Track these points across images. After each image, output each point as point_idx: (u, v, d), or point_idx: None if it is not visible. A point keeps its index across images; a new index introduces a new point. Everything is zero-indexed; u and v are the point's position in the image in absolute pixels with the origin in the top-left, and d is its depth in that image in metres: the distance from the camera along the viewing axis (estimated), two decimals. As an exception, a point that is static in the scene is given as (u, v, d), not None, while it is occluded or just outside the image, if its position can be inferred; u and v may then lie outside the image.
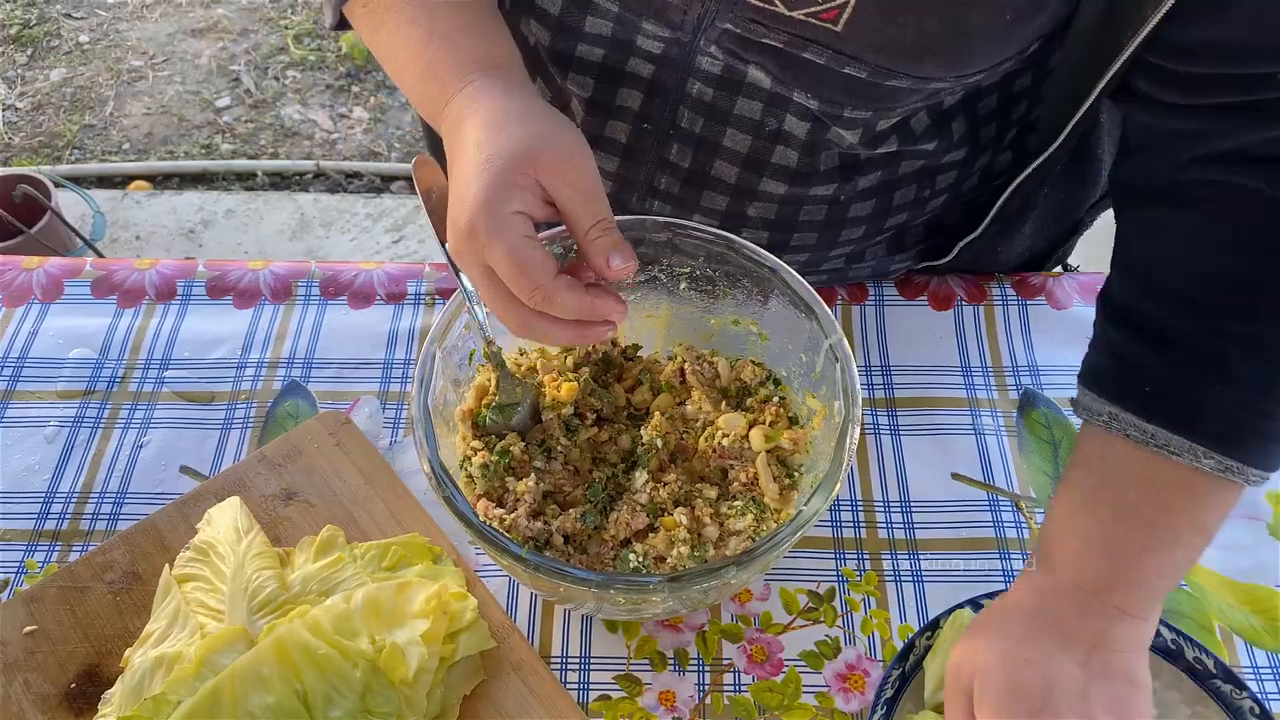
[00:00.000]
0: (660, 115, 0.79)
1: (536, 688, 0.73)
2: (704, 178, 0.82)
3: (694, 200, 0.83)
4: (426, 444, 0.68)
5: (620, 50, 0.76)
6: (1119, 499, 0.65)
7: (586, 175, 0.63)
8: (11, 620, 0.75)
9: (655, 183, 0.83)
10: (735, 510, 0.74)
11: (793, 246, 0.87)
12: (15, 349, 0.93)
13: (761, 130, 0.78)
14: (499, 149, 0.62)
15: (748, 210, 0.83)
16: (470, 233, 0.61)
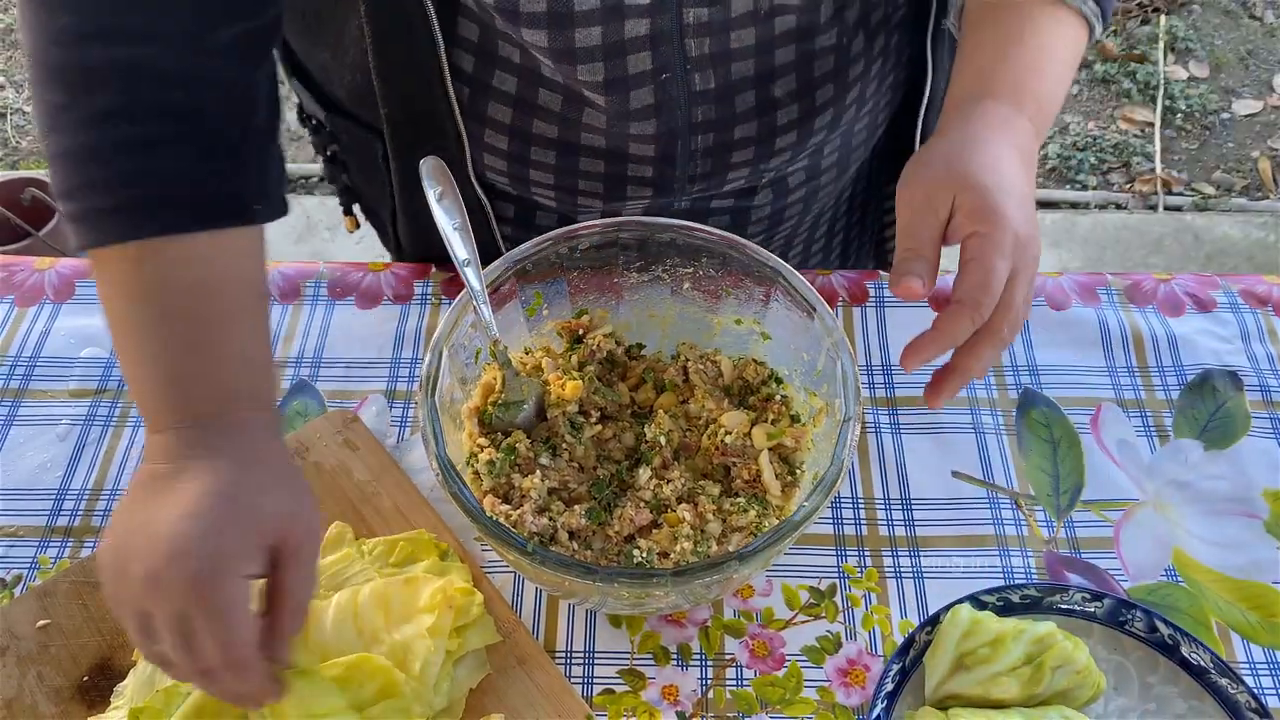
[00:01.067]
0: (672, 59, 0.80)
1: (541, 682, 0.74)
2: (729, 88, 0.84)
3: (729, 115, 0.85)
4: (434, 441, 0.69)
5: (614, 15, 0.76)
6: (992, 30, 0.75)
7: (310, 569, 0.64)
8: (25, 615, 0.76)
9: (694, 119, 0.84)
10: (738, 506, 0.75)
11: (819, 106, 0.89)
12: (28, 349, 0.94)
13: (759, 15, 0.80)
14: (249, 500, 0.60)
15: (774, 92, 0.85)
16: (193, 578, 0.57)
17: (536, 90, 0.84)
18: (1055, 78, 0.75)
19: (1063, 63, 0.75)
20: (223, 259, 0.64)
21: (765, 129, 0.87)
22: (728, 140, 0.87)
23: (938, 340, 0.66)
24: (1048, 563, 0.81)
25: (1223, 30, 3.02)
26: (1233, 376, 0.92)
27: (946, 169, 0.68)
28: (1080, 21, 0.76)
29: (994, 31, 0.75)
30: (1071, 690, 0.71)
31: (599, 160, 0.88)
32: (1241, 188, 2.65)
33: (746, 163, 0.90)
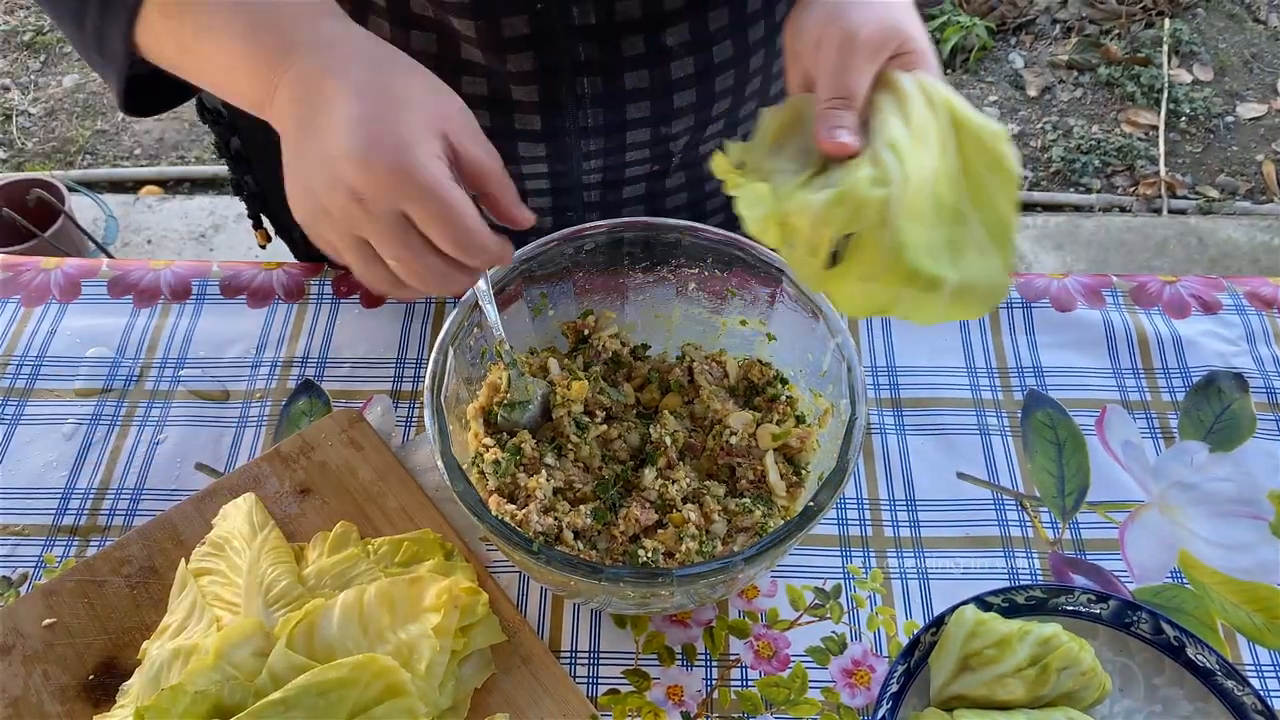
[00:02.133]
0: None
1: (546, 681, 0.74)
2: (613, 28, 0.80)
3: (615, 57, 0.82)
4: (440, 440, 0.69)
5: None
6: None
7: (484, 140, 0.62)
8: (31, 613, 0.76)
9: (574, 56, 0.81)
10: (743, 507, 0.75)
11: (718, 65, 0.86)
12: (34, 348, 0.95)
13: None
14: (402, 93, 0.58)
15: (666, 40, 0.82)
16: (390, 172, 0.56)
17: (409, 34, 0.81)
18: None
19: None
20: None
21: (659, 81, 0.84)
22: (619, 90, 0.83)
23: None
24: (1053, 564, 0.81)
25: (1227, 34, 3.01)
26: (1238, 378, 0.92)
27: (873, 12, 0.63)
28: None
29: None
30: (1077, 691, 0.71)
31: (484, 111, 0.84)
32: (1245, 191, 2.65)
33: (644, 120, 0.86)
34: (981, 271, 0.58)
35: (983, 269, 0.58)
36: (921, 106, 0.59)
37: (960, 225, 0.58)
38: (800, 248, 0.59)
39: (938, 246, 0.57)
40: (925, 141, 0.58)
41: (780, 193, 0.59)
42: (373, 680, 0.67)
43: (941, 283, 0.57)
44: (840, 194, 0.57)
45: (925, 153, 0.58)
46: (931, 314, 0.58)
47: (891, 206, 0.56)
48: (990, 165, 0.58)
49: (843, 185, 0.57)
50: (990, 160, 0.58)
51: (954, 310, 0.58)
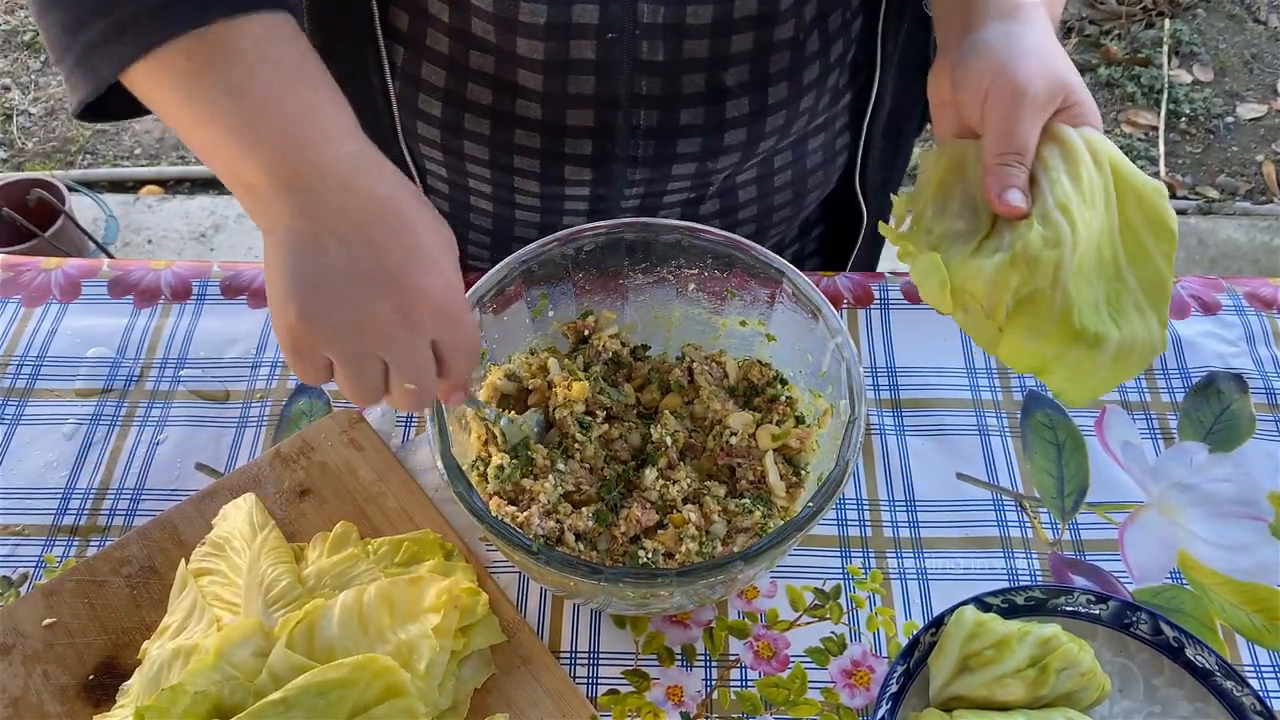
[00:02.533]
0: (622, 18, 0.78)
1: (546, 682, 0.74)
2: (678, 65, 0.81)
3: (675, 93, 0.83)
4: (440, 441, 0.70)
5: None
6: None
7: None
8: (31, 613, 0.77)
9: (635, 89, 0.82)
10: (743, 508, 0.75)
11: (771, 106, 0.87)
12: (34, 348, 0.95)
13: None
14: (435, 223, 0.62)
15: (725, 80, 0.83)
16: (445, 298, 0.60)
17: (468, 52, 0.82)
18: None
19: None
20: (276, 35, 0.60)
21: (713, 119, 0.85)
22: (673, 124, 0.84)
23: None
24: (1052, 565, 0.81)
25: (1227, 34, 3.02)
26: (1238, 379, 0.92)
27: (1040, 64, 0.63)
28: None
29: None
30: (1076, 692, 0.71)
31: (534, 134, 0.85)
32: (1246, 192, 2.65)
33: (693, 155, 0.87)
34: (1140, 330, 0.59)
35: (1142, 327, 0.60)
36: (1089, 164, 0.60)
37: (1120, 282, 0.60)
38: (975, 312, 0.61)
39: (1101, 304, 0.59)
40: (1093, 201, 0.60)
41: (953, 262, 0.61)
42: (372, 680, 0.67)
43: (1105, 340, 0.58)
44: (1013, 257, 0.59)
45: (1093, 212, 0.59)
46: (1090, 374, 0.59)
47: (1063, 268, 0.58)
48: (1149, 223, 0.60)
49: (1015, 248, 0.59)
50: (1150, 218, 0.60)
51: (1114, 370, 0.60)
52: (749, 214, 0.97)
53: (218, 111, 0.58)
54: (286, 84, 0.59)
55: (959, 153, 0.65)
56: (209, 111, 0.58)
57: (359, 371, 0.61)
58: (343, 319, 0.59)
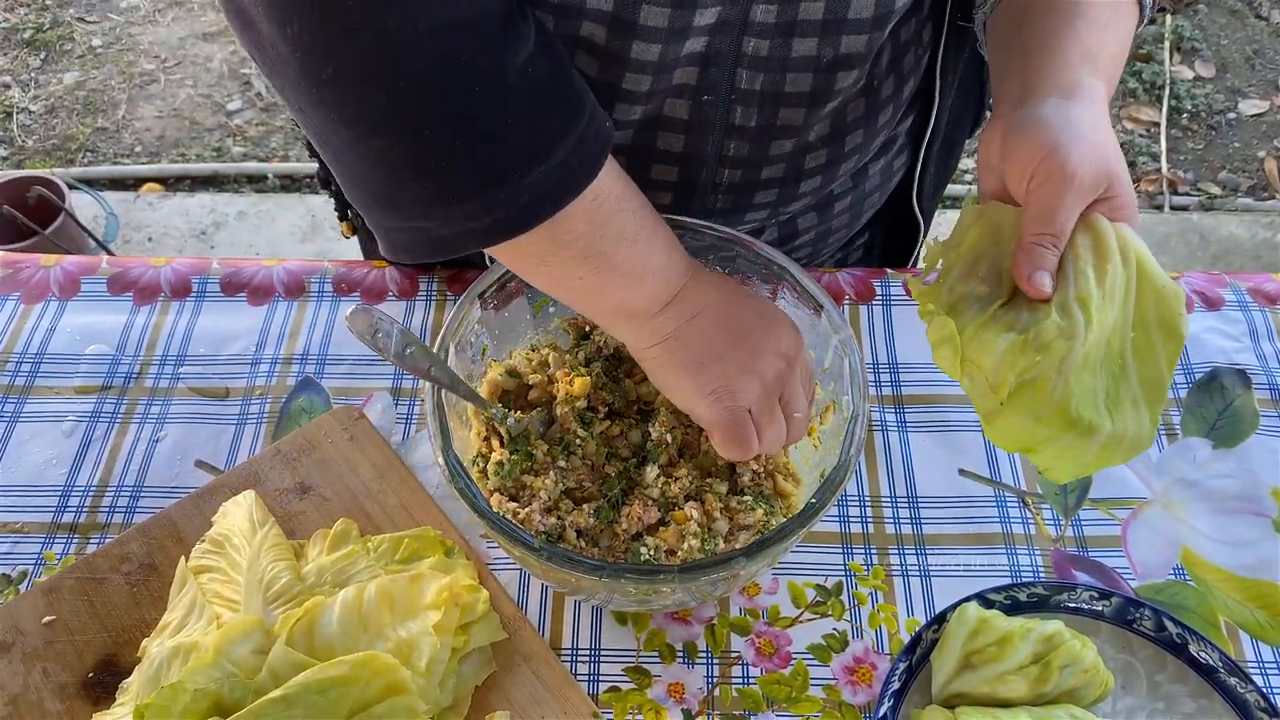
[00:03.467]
0: (720, 82, 0.77)
1: (547, 679, 0.74)
2: (770, 131, 0.81)
3: (762, 155, 0.83)
4: (440, 438, 0.69)
5: (675, 36, 0.73)
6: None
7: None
8: (30, 611, 0.76)
9: (723, 150, 0.82)
10: (745, 505, 0.74)
11: (847, 153, 0.87)
12: (33, 345, 0.94)
13: (820, 64, 0.77)
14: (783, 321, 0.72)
15: (809, 138, 0.84)
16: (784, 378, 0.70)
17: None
18: (1116, 53, 0.72)
19: (1122, 40, 0.73)
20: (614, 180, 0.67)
21: (792, 172, 0.85)
22: (754, 180, 0.85)
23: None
24: (1055, 561, 0.81)
25: (1229, 30, 3.01)
26: (1241, 375, 0.92)
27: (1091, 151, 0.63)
28: (1133, 3, 0.74)
29: (1053, 18, 0.71)
30: (1079, 689, 0.71)
31: None
32: (1248, 188, 2.65)
33: (768, 204, 0.88)
34: (1132, 425, 0.61)
35: (1134, 422, 0.61)
36: (1117, 259, 0.61)
37: (1122, 376, 0.62)
38: (980, 382, 0.62)
39: (1100, 395, 0.61)
40: (1112, 296, 0.61)
41: (967, 329, 0.62)
42: (373, 678, 0.67)
43: (1097, 431, 0.60)
44: (1025, 341, 0.60)
45: (1110, 308, 0.61)
46: (1077, 459, 0.61)
47: (1069, 360, 0.59)
48: (1161, 323, 0.61)
49: (1029, 333, 0.61)
50: (1162, 318, 0.61)
51: (1100, 456, 0.61)
52: (806, 239, 0.97)
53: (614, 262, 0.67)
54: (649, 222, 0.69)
55: (997, 219, 0.66)
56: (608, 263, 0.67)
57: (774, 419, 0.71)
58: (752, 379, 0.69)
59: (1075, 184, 0.61)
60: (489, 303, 0.77)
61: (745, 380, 0.69)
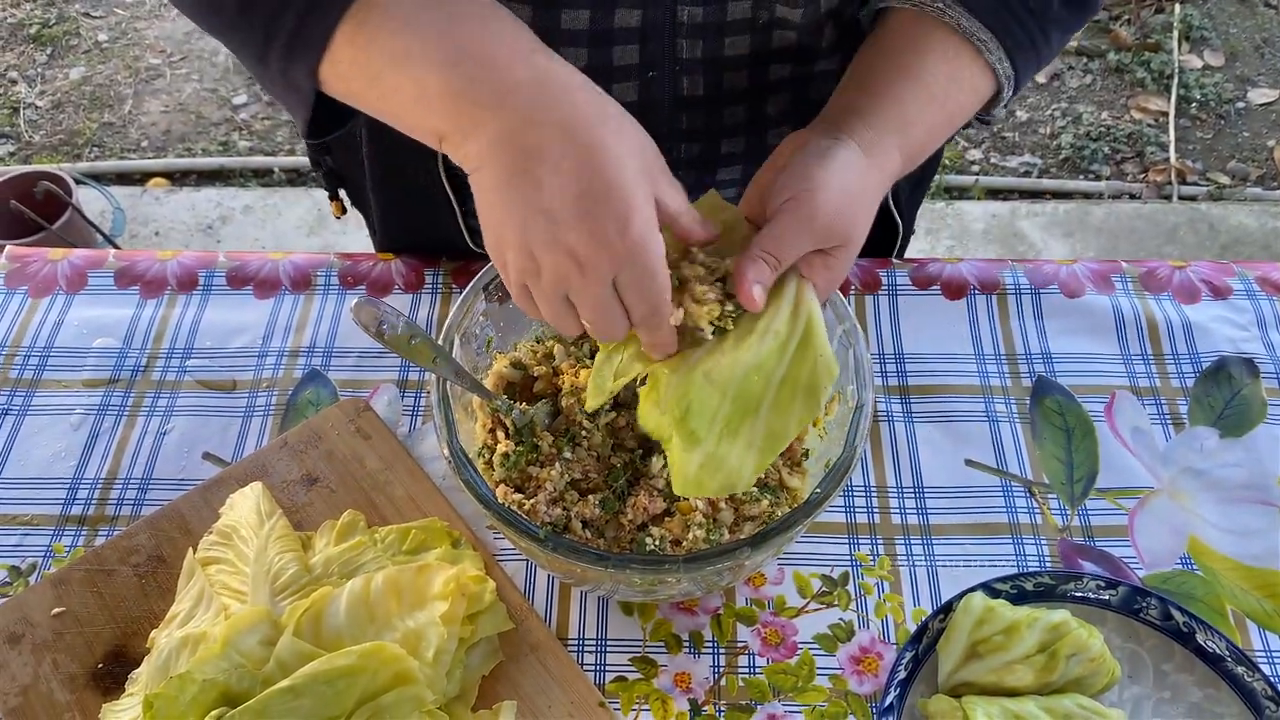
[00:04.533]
0: (660, 56, 0.77)
1: (554, 669, 0.74)
2: (718, 98, 0.81)
3: (717, 125, 0.83)
4: (446, 430, 0.69)
5: (605, 5, 0.73)
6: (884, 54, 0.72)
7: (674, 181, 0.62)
8: (40, 602, 0.77)
9: (677, 124, 0.82)
10: (750, 495, 0.74)
11: None
12: (41, 339, 0.95)
13: (755, 25, 0.77)
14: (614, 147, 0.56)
15: (766, 109, 0.83)
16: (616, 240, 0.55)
17: None
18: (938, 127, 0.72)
19: (952, 116, 0.72)
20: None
21: (755, 147, 0.85)
22: (714, 154, 0.84)
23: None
24: (1062, 551, 0.81)
25: (1238, 19, 2.99)
26: (1249, 364, 0.91)
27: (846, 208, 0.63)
28: (989, 78, 0.72)
29: (887, 53, 0.72)
30: (1086, 678, 0.71)
31: None
32: (1257, 177, 2.63)
33: (732, 182, 0.87)
34: (734, 460, 0.63)
35: (736, 459, 0.63)
36: (785, 313, 0.63)
37: (751, 415, 0.63)
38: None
39: (718, 418, 0.62)
40: (760, 341, 0.62)
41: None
42: (380, 668, 0.67)
43: (699, 444, 0.62)
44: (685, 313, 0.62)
45: (754, 348, 0.62)
46: (682, 468, 0.63)
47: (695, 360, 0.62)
48: (805, 390, 0.63)
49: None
50: (808, 386, 0.63)
51: (697, 476, 0.63)
52: None
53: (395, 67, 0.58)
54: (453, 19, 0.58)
55: (733, 222, 0.66)
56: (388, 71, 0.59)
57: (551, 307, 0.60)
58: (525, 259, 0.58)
59: (812, 226, 0.62)
60: (494, 295, 0.77)
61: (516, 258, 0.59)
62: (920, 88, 0.69)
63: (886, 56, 0.71)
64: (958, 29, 0.70)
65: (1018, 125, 2.75)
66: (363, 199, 1.04)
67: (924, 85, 0.69)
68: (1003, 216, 2.50)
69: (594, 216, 0.55)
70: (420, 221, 1.00)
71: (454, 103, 0.58)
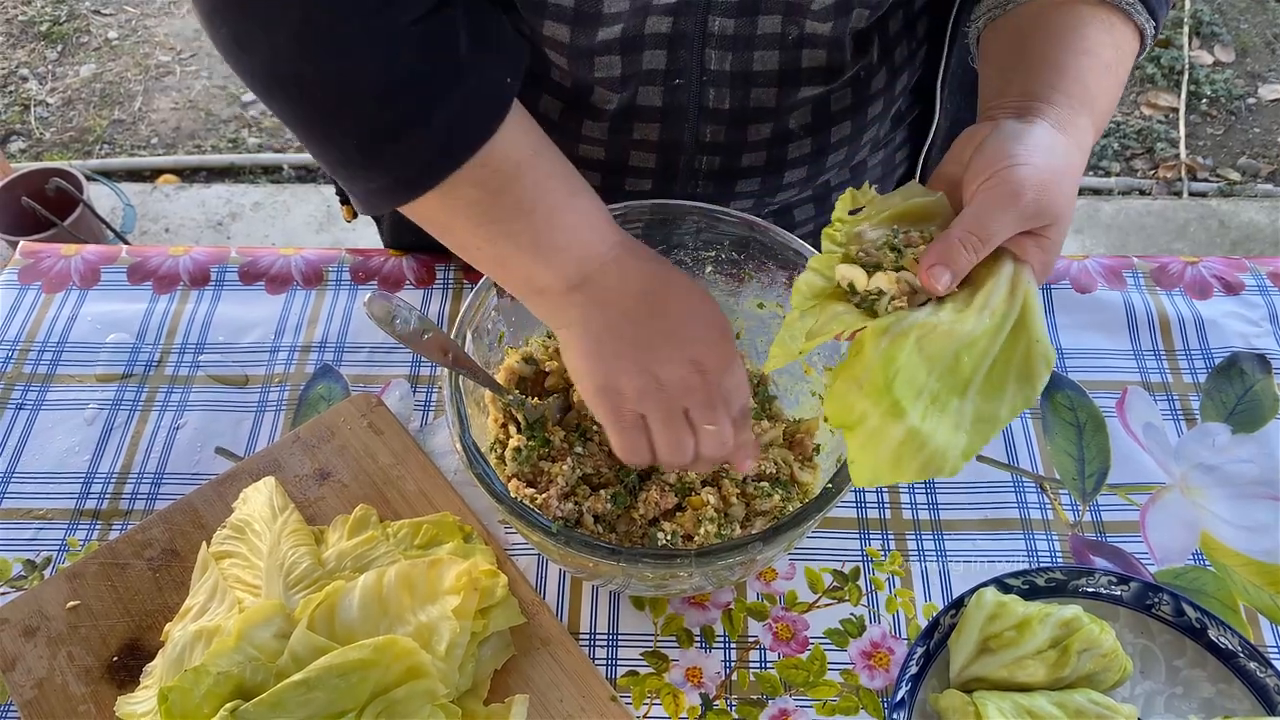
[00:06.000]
0: (689, 65, 0.77)
1: (565, 663, 0.74)
2: (744, 114, 0.81)
3: (740, 140, 0.83)
4: (459, 424, 0.70)
5: (638, 14, 0.73)
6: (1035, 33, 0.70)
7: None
8: (55, 596, 0.77)
9: (701, 135, 0.82)
10: (761, 491, 0.75)
11: (834, 144, 0.86)
12: (55, 334, 0.95)
13: (785, 41, 0.77)
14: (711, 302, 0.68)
15: (789, 124, 0.83)
16: (725, 357, 0.66)
17: (540, 97, 0.81)
18: (1115, 96, 0.71)
19: (1121, 82, 0.71)
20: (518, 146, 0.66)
21: (775, 160, 0.84)
22: (734, 167, 0.84)
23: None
24: (1073, 547, 0.81)
25: (1249, 14, 2.98)
26: (1261, 359, 0.91)
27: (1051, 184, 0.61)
28: (1137, 37, 0.72)
29: (1048, 36, 0.70)
30: (1098, 673, 0.71)
31: (595, 172, 0.85)
32: (1268, 173, 2.62)
33: (751, 194, 0.87)
34: (943, 439, 0.57)
35: (945, 438, 0.57)
36: (1003, 291, 0.59)
37: (959, 395, 0.58)
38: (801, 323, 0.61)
39: (924, 392, 0.57)
40: (977, 315, 0.58)
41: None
42: (393, 662, 0.67)
43: (904, 417, 0.56)
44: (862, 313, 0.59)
45: (970, 321, 0.58)
46: (877, 446, 0.57)
47: (900, 326, 0.57)
48: (1020, 374, 0.58)
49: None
50: (1023, 370, 0.58)
51: (897, 455, 0.57)
52: (806, 230, 0.96)
53: (511, 231, 0.65)
54: (558, 194, 0.66)
55: (933, 209, 0.63)
56: (504, 231, 0.66)
57: (670, 428, 0.66)
58: (646, 381, 0.65)
59: (1020, 204, 0.59)
60: (505, 291, 0.77)
61: (637, 381, 0.65)
62: (1094, 60, 0.68)
63: (1047, 38, 0.69)
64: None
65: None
66: None
67: (1096, 57, 0.68)
68: (1012, 213, 2.49)
69: (708, 337, 0.66)
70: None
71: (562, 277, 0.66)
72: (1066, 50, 0.68)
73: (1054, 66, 0.67)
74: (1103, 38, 0.69)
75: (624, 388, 0.65)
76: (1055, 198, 0.61)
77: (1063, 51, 0.68)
